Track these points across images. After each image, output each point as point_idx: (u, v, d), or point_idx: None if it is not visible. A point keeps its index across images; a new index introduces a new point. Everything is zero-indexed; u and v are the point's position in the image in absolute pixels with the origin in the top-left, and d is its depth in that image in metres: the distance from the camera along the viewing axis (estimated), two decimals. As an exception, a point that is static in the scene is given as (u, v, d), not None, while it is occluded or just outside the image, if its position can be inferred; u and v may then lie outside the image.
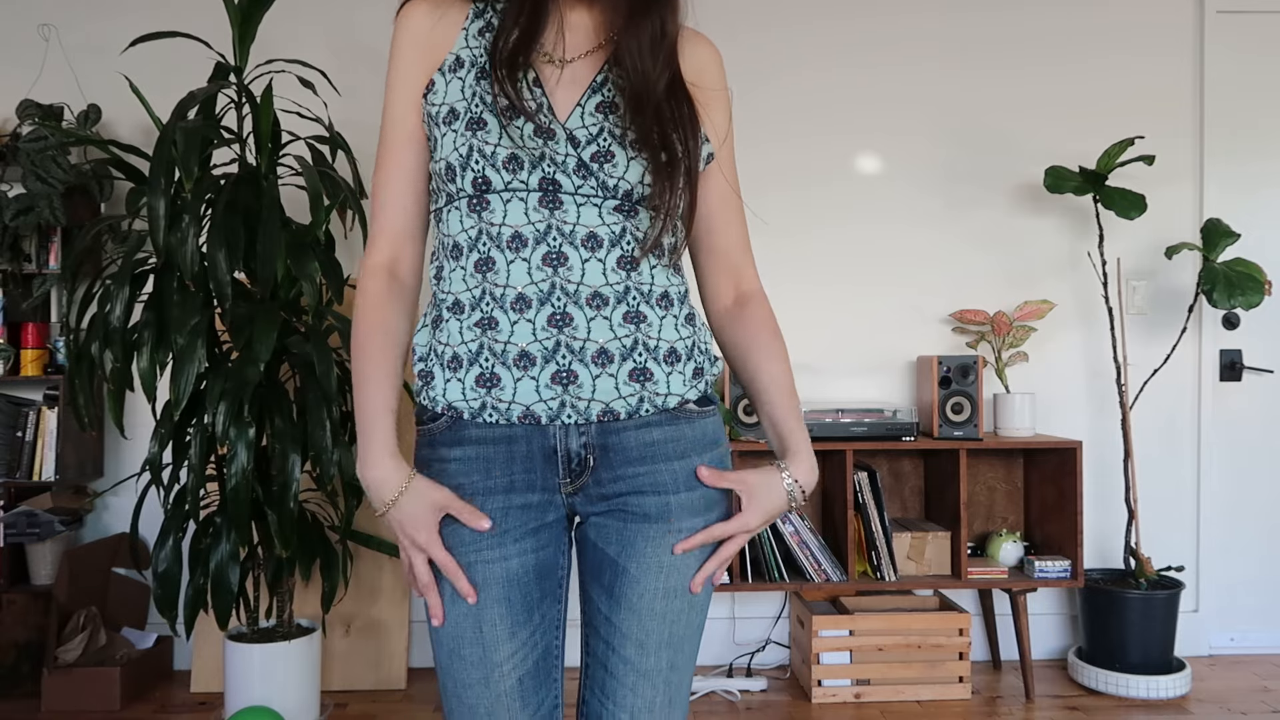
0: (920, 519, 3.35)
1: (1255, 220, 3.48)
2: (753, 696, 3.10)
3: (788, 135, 3.44)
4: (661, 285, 1.12)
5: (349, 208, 2.76)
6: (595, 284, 1.07)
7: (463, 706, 1.09)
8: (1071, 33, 3.48)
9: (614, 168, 1.08)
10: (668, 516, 1.10)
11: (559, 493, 1.11)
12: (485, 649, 1.07)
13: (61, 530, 3.12)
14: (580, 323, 1.06)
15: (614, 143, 1.08)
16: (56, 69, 3.34)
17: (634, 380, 1.08)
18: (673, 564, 1.10)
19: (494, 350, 1.07)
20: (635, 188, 1.09)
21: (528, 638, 1.09)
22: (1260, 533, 3.53)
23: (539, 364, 1.06)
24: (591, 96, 1.10)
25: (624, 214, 1.09)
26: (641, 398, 1.09)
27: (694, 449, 1.12)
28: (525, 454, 1.09)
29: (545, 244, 1.06)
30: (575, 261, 1.06)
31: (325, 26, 3.39)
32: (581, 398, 1.07)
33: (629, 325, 1.08)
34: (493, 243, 1.07)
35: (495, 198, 1.07)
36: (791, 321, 3.45)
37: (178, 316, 2.45)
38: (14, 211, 3.03)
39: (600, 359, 1.06)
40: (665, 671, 1.11)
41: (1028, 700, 3.05)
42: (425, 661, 3.35)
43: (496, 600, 1.07)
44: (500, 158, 1.06)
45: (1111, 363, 3.40)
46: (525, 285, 1.06)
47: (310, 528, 2.70)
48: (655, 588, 1.10)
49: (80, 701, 2.92)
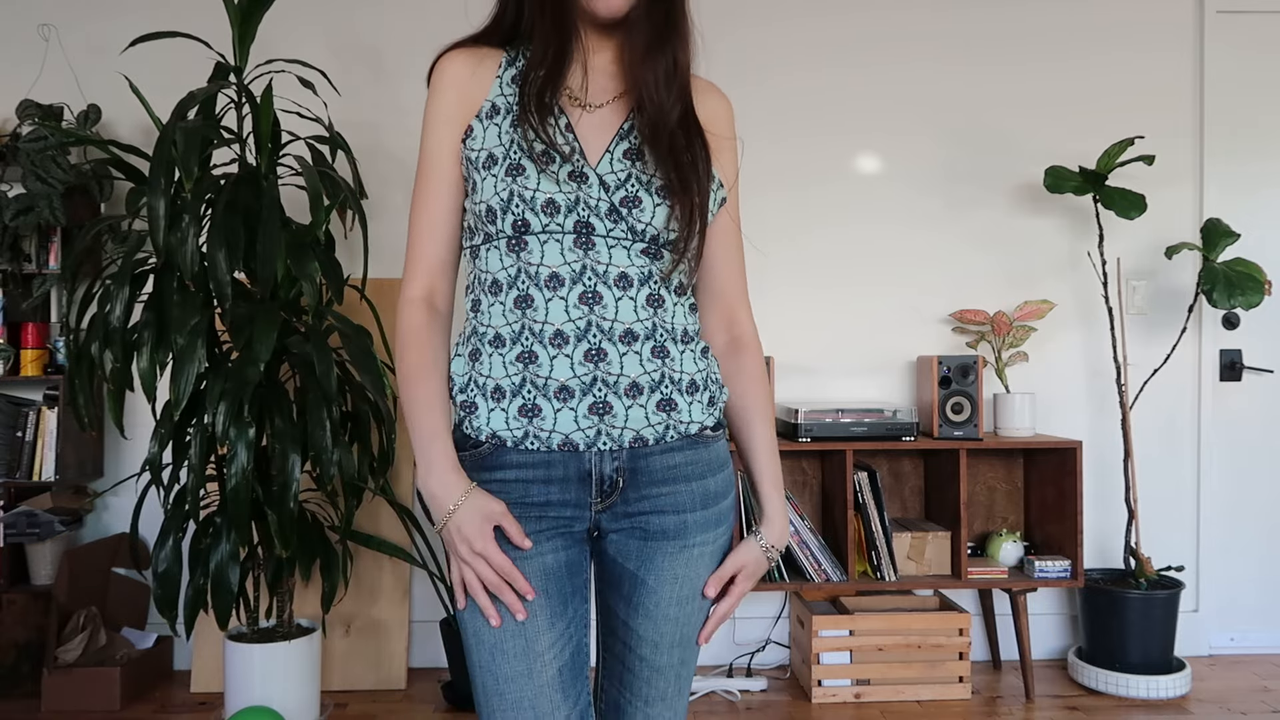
0: (920, 519, 3.35)
1: (1255, 220, 3.48)
2: (753, 696, 3.10)
3: (787, 134, 3.44)
4: (682, 323, 1.21)
5: (349, 208, 2.76)
6: (628, 321, 1.16)
7: (505, 703, 1.14)
8: (1072, 32, 3.48)
9: (641, 213, 1.16)
10: (684, 534, 1.20)
11: (589, 510, 1.19)
12: (528, 640, 1.14)
13: (61, 530, 3.12)
14: (614, 358, 1.15)
15: (641, 189, 1.17)
16: (56, 69, 3.34)
17: (661, 410, 1.18)
18: (685, 575, 1.21)
19: (535, 383, 1.15)
20: (661, 232, 1.17)
21: (564, 629, 1.17)
22: (1260, 533, 3.53)
23: (577, 396, 1.15)
24: (619, 143, 1.19)
25: (650, 256, 1.18)
26: (668, 425, 1.19)
27: (709, 470, 1.23)
28: (562, 477, 1.17)
29: (581, 283, 1.15)
30: (609, 300, 1.15)
31: (325, 26, 3.39)
32: (615, 426, 1.16)
33: (656, 360, 1.17)
34: (531, 281, 1.15)
35: (533, 239, 1.15)
36: (791, 321, 3.45)
37: (178, 316, 2.45)
38: (14, 211, 3.03)
39: (632, 391, 1.16)
40: (677, 666, 1.24)
41: (1028, 700, 3.05)
42: (425, 661, 3.35)
43: (537, 592, 1.15)
44: (539, 202, 1.14)
45: (1111, 363, 3.40)
46: (563, 322, 1.14)
47: (310, 528, 2.70)
48: (670, 596, 1.20)
49: (80, 701, 2.92)
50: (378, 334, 3.17)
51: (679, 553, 1.20)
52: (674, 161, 1.17)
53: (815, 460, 3.37)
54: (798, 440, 3.03)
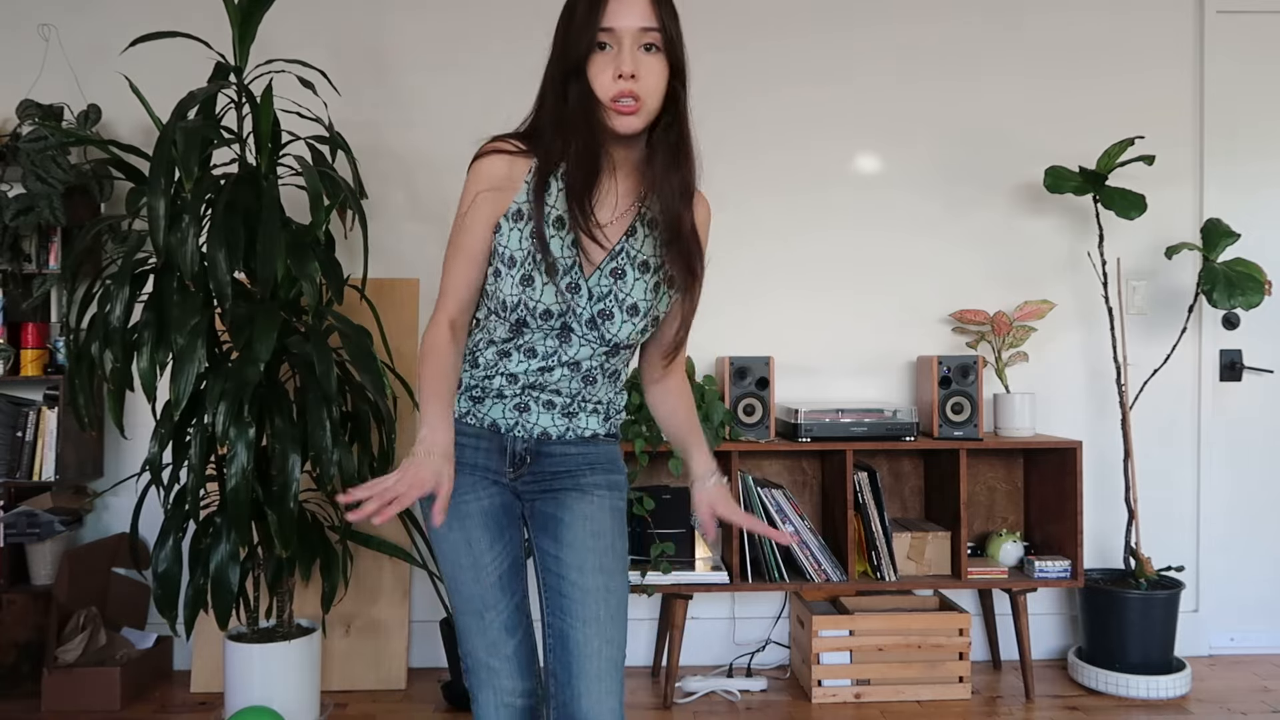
0: (920, 519, 3.35)
1: (1255, 220, 3.48)
2: (753, 696, 3.10)
3: (788, 137, 3.44)
4: (605, 396, 1.60)
5: (349, 208, 2.76)
6: (564, 390, 1.55)
7: (462, 598, 1.57)
8: (1072, 32, 3.48)
9: (611, 325, 1.50)
10: (580, 485, 1.59)
11: (504, 476, 1.59)
12: (475, 557, 1.55)
13: (61, 530, 3.12)
14: (534, 411, 1.57)
15: (615, 305, 1.50)
16: (56, 69, 3.34)
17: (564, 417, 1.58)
18: (592, 514, 1.57)
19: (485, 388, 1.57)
20: (621, 342, 1.52)
21: (501, 549, 1.57)
22: (1260, 533, 3.53)
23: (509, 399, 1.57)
24: (609, 263, 1.50)
25: (606, 355, 1.54)
26: (568, 428, 1.59)
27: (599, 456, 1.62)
28: (489, 447, 1.59)
29: (544, 361, 1.52)
30: (556, 374, 1.54)
31: (325, 26, 3.39)
32: (529, 423, 1.57)
33: (564, 418, 1.58)
34: (513, 346, 1.53)
35: (526, 330, 1.51)
36: (792, 322, 3.45)
37: (178, 316, 2.45)
38: (14, 211, 3.03)
39: (547, 405, 1.57)
40: (602, 591, 1.54)
41: (1028, 700, 3.05)
42: (425, 662, 3.35)
43: (478, 525, 1.56)
44: (539, 311, 1.48)
45: (1111, 363, 3.40)
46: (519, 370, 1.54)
47: (310, 528, 2.70)
48: (584, 530, 1.56)
49: (80, 701, 2.92)
50: (378, 334, 3.17)
51: (582, 497, 1.58)
52: (684, 262, 1.51)
53: (815, 460, 3.37)
54: (798, 440, 3.03)
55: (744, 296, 3.44)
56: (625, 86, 1.39)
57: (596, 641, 1.52)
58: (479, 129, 3.56)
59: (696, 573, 3.01)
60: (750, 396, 3.09)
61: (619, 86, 1.39)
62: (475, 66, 3.39)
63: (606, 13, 1.39)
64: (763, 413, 3.08)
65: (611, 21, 1.39)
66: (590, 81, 1.41)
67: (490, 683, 1.57)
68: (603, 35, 1.40)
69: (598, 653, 1.52)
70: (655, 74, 1.42)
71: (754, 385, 3.09)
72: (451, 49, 3.39)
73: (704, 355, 3.39)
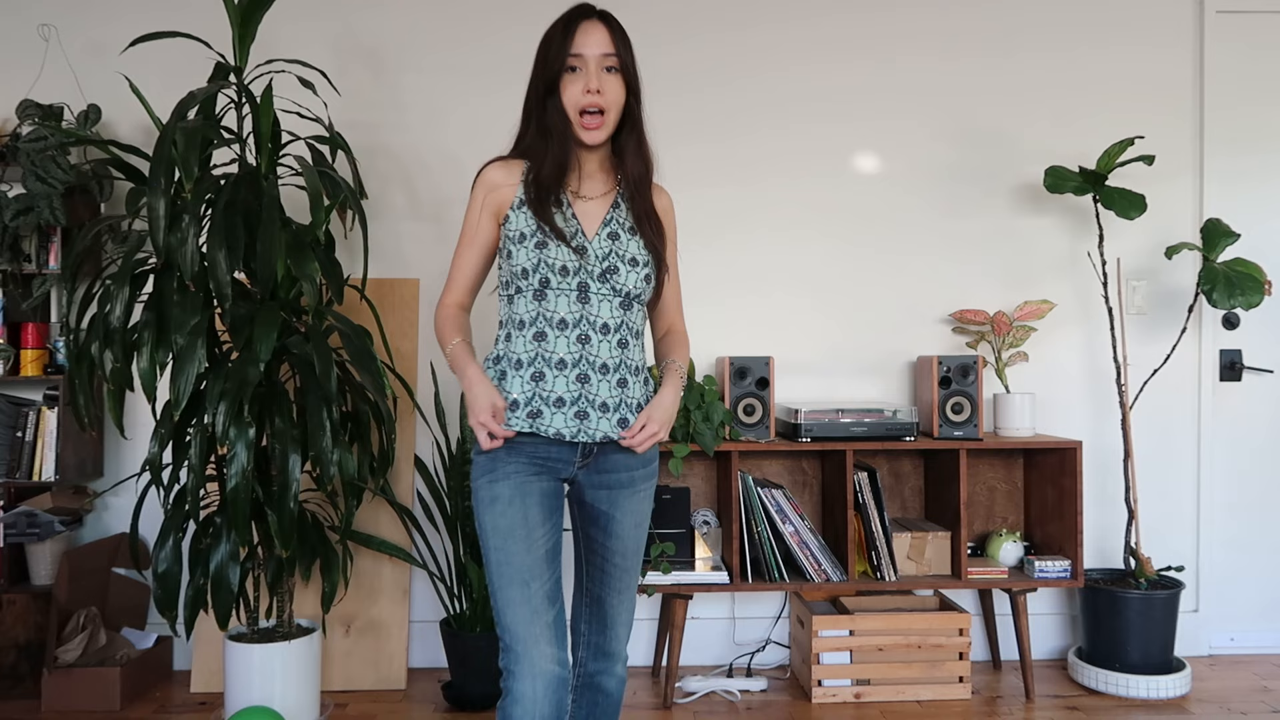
0: (920, 519, 3.35)
1: (1255, 220, 3.48)
2: (753, 696, 3.10)
3: (788, 135, 3.44)
4: (635, 361, 1.85)
5: (349, 207, 2.76)
6: (605, 358, 1.80)
7: (512, 568, 1.74)
8: (1073, 34, 3.48)
9: (619, 277, 1.81)
10: (633, 484, 1.87)
11: (574, 465, 1.83)
12: (529, 529, 1.76)
13: (61, 530, 3.12)
14: (595, 382, 1.80)
15: (618, 260, 1.81)
16: (56, 69, 3.34)
17: (619, 425, 1.83)
18: (635, 509, 1.89)
19: (542, 396, 1.79)
20: (631, 290, 1.82)
21: (551, 528, 1.80)
22: (1260, 532, 3.53)
23: (568, 405, 1.79)
24: (604, 228, 1.83)
25: (624, 309, 1.82)
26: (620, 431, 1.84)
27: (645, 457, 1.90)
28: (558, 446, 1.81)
29: (579, 329, 1.79)
30: (595, 342, 1.80)
31: (325, 26, 3.39)
32: (590, 428, 1.80)
33: (619, 389, 1.82)
34: (546, 323, 1.79)
35: (551, 292, 1.78)
36: (792, 321, 3.45)
37: (178, 316, 2.45)
38: (14, 211, 3.03)
39: (603, 408, 1.81)
40: (633, 570, 1.93)
41: (1028, 700, 3.05)
42: (425, 662, 3.35)
43: (536, 503, 1.78)
44: (557, 267, 1.77)
45: (1111, 363, 3.40)
46: (565, 353, 1.79)
47: (310, 528, 2.70)
48: (629, 523, 1.89)
49: (80, 701, 2.92)
50: (378, 334, 3.17)
51: (632, 495, 1.88)
52: (649, 240, 1.84)
53: (815, 460, 3.37)
54: (798, 440, 3.03)
55: (744, 296, 3.44)
56: (592, 99, 1.78)
57: (625, 607, 1.94)
58: (479, 129, 3.58)
59: (696, 573, 3.01)
60: (750, 396, 3.09)
61: (588, 99, 1.78)
62: (475, 67, 3.39)
63: (575, 43, 1.78)
64: (763, 413, 3.08)
65: (579, 49, 1.78)
66: (562, 96, 1.79)
67: (527, 654, 1.71)
68: (572, 60, 1.78)
69: (627, 610, 1.95)
70: (615, 90, 1.80)
71: (754, 385, 3.09)
72: (451, 49, 3.39)
73: (704, 355, 3.39)
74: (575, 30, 1.79)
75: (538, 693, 1.69)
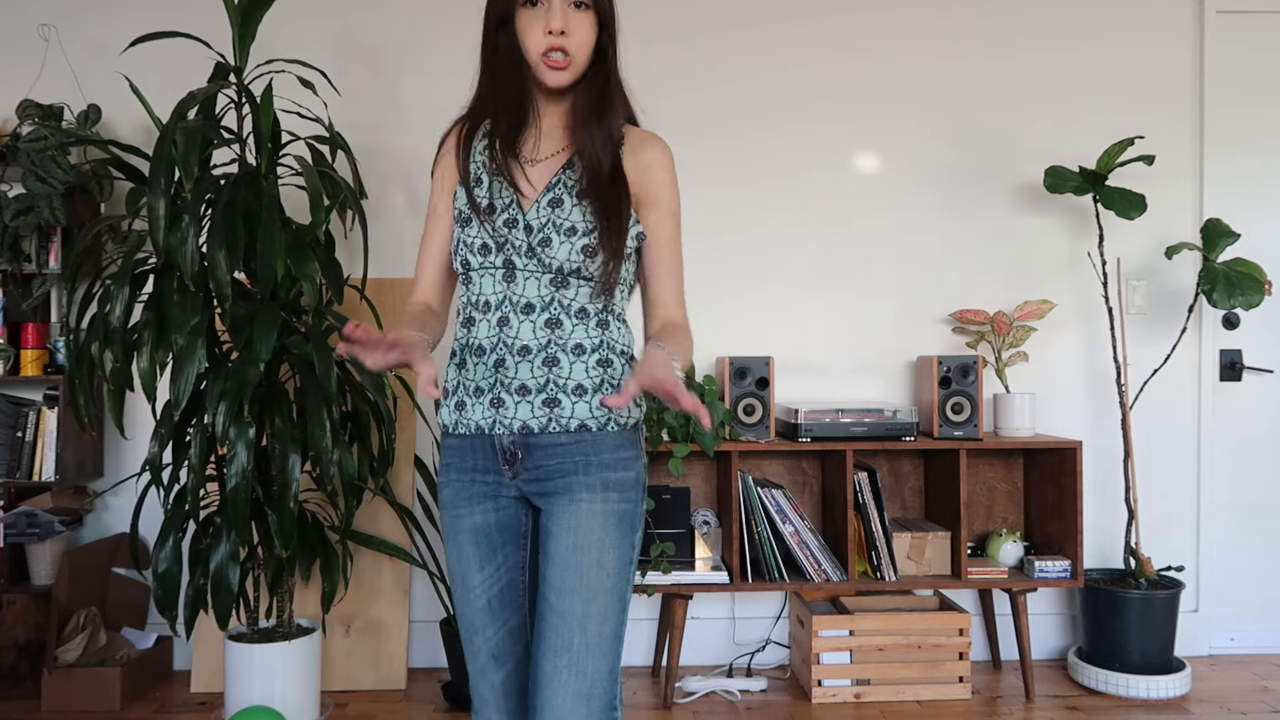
0: (920, 519, 3.35)
1: (1255, 220, 3.48)
2: (753, 696, 3.10)
3: (788, 135, 3.44)
4: (578, 340, 1.47)
5: (349, 207, 2.76)
6: (525, 339, 1.46)
7: (461, 619, 1.52)
8: (1073, 34, 3.48)
9: (549, 250, 1.44)
10: (570, 490, 1.45)
11: (504, 475, 1.50)
12: (465, 576, 1.51)
13: (61, 530, 3.12)
14: (510, 365, 1.46)
15: (553, 231, 1.45)
16: (56, 69, 3.34)
17: (545, 406, 1.46)
18: (578, 525, 1.43)
19: (465, 387, 1.50)
20: (564, 265, 1.45)
21: (493, 571, 1.50)
22: (1260, 532, 3.53)
23: (485, 393, 1.48)
24: (546, 193, 1.47)
25: (555, 286, 1.46)
26: (550, 419, 1.46)
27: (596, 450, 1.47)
28: (480, 449, 1.50)
29: (500, 310, 1.47)
30: (514, 324, 1.46)
31: (325, 26, 3.39)
32: (507, 417, 1.46)
33: (544, 368, 1.46)
34: (473, 307, 1.50)
35: (474, 274, 1.49)
36: (792, 321, 3.45)
37: (178, 316, 2.45)
38: (14, 211, 3.03)
39: (521, 391, 1.46)
40: (580, 618, 1.41)
41: (1028, 700, 3.05)
42: (425, 662, 3.35)
43: (469, 543, 1.51)
44: (476, 246, 1.47)
45: (1111, 363, 3.39)
46: (484, 338, 1.48)
47: (310, 528, 2.70)
48: (568, 543, 1.42)
49: (80, 701, 2.92)
50: (378, 334, 3.17)
51: (569, 505, 1.44)
52: (602, 207, 1.45)
53: (815, 460, 3.37)
54: (798, 440, 3.03)
55: (744, 296, 3.44)
56: (555, 40, 1.43)
57: (565, 675, 1.39)
58: (479, 129, 3.55)
59: (696, 573, 3.01)
60: (750, 396, 3.09)
61: (549, 41, 1.43)
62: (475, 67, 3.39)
63: None
64: (763, 413, 3.08)
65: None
66: (519, 35, 1.45)
67: (480, 711, 1.52)
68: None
69: (564, 687, 1.39)
70: (584, 29, 1.45)
71: (754, 385, 3.09)
72: (451, 49, 3.39)
73: (704, 355, 3.39)
74: None
75: None
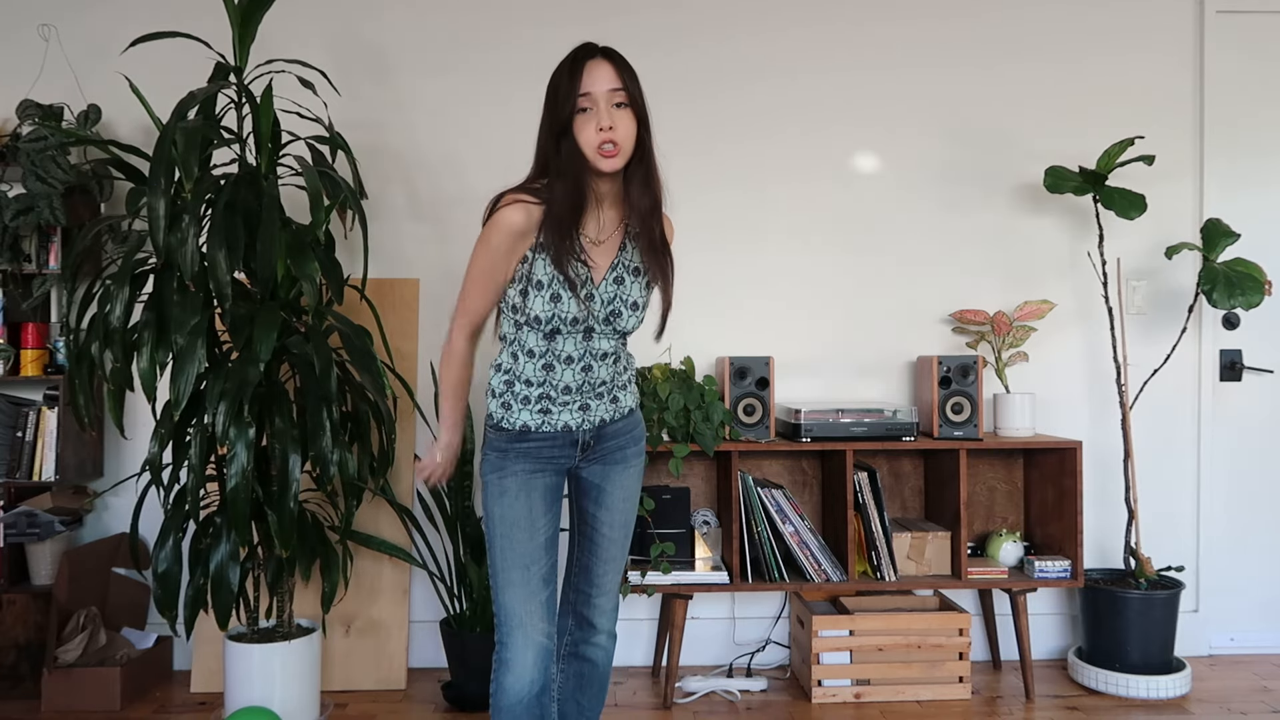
0: (920, 519, 3.35)
1: (1255, 220, 3.48)
2: (753, 696, 3.10)
3: (788, 135, 3.44)
4: (626, 375, 2.07)
5: (349, 207, 2.76)
6: (603, 376, 2.00)
7: (514, 554, 1.93)
8: (1073, 34, 3.48)
9: (621, 321, 1.96)
10: (625, 460, 2.07)
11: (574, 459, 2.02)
12: (533, 519, 1.95)
13: (61, 530, 3.12)
14: (593, 408, 2.01)
15: (621, 305, 1.95)
16: (56, 69, 3.34)
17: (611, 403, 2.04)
18: (626, 482, 2.07)
19: (550, 397, 1.98)
20: (629, 330, 1.99)
21: (551, 519, 1.98)
22: (1260, 533, 3.53)
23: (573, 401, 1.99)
24: (611, 273, 1.94)
25: (619, 341, 2.01)
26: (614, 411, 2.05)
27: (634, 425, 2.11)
28: (562, 443, 2.00)
29: (583, 361, 1.96)
30: (595, 369, 1.98)
31: (325, 26, 3.39)
32: (591, 416, 2.01)
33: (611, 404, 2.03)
34: (554, 357, 1.95)
35: (559, 335, 1.93)
36: (792, 321, 3.45)
37: (178, 316, 2.45)
38: (14, 211, 3.03)
39: (598, 396, 2.02)
40: (622, 541, 2.09)
41: (1028, 700, 3.05)
42: (425, 662, 3.35)
43: (541, 498, 1.97)
44: (568, 319, 1.90)
45: (1111, 363, 3.39)
46: (570, 381, 1.96)
47: (310, 528, 2.70)
48: (619, 496, 2.07)
49: (80, 701, 2.92)
50: (378, 334, 3.17)
51: (624, 470, 2.06)
52: (651, 277, 1.97)
53: (815, 460, 3.37)
54: (798, 440, 3.03)
55: (744, 297, 3.44)
56: (606, 136, 1.82)
57: (611, 575, 2.10)
58: (479, 129, 3.57)
59: (696, 573, 3.01)
60: (750, 396, 3.09)
61: (601, 136, 1.82)
62: (475, 66, 3.39)
63: (583, 82, 1.83)
64: (763, 413, 3.08)
65: (588, 88, 1.83)
66: (576, 137, 1.83)
67: (522, 627, 1.92)
68: (582, 100, 1.82)
69: (611, 581, 2.10)
70: (626, 124, 1.85)
71: (754, 385, 3.09)
72: (451, 49, 3.39)
73: (704, 355, 3.39)
74: (582, 70, 1.83)
75: (528, 660, 1.91)
